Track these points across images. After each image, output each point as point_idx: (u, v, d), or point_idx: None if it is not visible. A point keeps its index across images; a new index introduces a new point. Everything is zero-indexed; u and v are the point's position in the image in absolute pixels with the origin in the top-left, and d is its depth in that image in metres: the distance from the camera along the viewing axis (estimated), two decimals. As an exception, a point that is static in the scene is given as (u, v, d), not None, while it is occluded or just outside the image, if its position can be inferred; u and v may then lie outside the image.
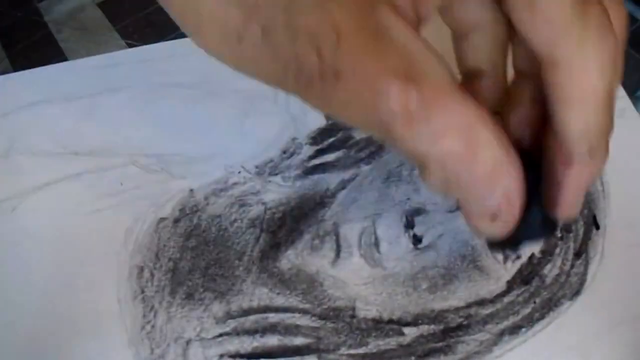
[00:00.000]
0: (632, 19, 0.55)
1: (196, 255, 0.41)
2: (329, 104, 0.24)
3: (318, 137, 0.47)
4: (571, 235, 0.43)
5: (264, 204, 0.43)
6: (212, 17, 0.22)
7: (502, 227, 0.27)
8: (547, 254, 0.42)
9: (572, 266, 0.42)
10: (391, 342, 0.39)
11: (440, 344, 0.39)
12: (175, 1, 0.23)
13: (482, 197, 0.26)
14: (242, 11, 0.22)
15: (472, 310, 0.40)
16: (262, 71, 0.24)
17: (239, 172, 0.45)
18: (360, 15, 0.23)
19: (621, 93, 0.50)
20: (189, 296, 0.40)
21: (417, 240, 0.42)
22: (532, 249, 0.42)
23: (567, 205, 0.29)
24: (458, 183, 0.25)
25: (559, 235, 0.43)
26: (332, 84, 0.23)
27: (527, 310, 0.40)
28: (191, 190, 0.44)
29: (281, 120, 0.48)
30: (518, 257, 0.42)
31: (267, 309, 0.40)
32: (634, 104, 0.49)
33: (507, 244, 0.32)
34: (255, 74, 0.24)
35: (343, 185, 0.44)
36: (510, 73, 0.31)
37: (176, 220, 0.43)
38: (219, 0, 0.22)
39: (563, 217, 0.29)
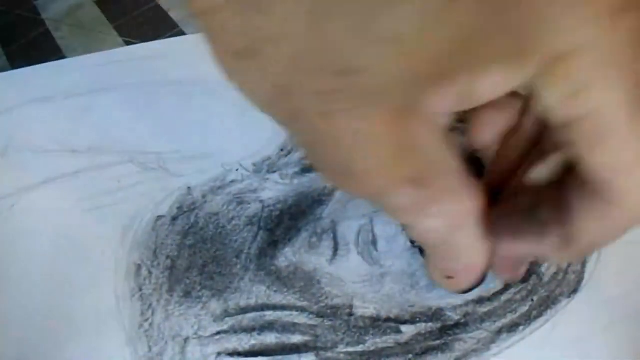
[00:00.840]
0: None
1: (194, 253, 0.41)
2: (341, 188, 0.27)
3: (316, 135, 0.47)
4: (569, 233, 0.43)
5: (261, 201, 0.44)
6: (247, 82, 0.23)
7: (456, 286, 0.31)
8: (544, 252, 0.42)
9: (569, 264, 0.42)
10: (389, 340, 0.39)
11: (437, 342, 0.39)
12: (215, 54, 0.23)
13: (442, 261, 0.29)
14: (275, 91, 0.22)
15: (470, 308, 0.40)
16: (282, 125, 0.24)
17: (237, 170, 0.45)
18: (394, 126, 0.23)
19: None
20: (187, 294, 0.40)
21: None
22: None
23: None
24: (432, 249, 0.28)
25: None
26: (345, 179, 0.24)
27: (524, 308, 0.40)
28: (189, 188, 0.44)
29: (279, 118, 0.48)
30: (516, 255, 0.42)
31: (264, 307, 0.40)
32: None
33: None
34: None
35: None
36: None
37: (174, 218, 0.43)
38: (255, 69, 0.21)
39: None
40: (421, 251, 0.39)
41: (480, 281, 0.30)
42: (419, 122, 0.23)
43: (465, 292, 0.32)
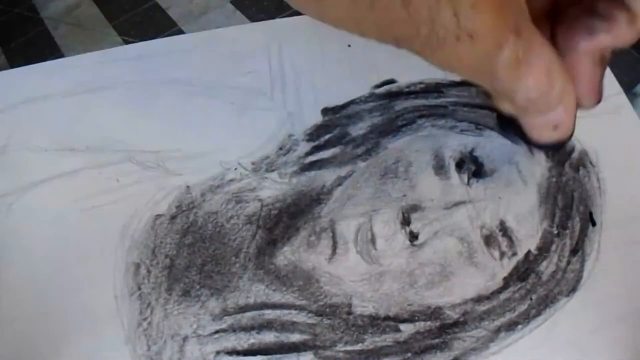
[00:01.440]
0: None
1: (192, 252, 0.41)
2: (455, 61, 0.28)
3: (314, 133, 0.47)
4: (567, 232, 0.43)
5: (260, 200, 0.43)
6: None
7: (562, 134, 0.34)
8: (543, 251, 0.42)
9: (568, 263, 0.42)
10: (387, 339, 0.39)
11: (436, 341, 0.39)
12: None
13: (550, 112, 0.33)
14: None
15: (469, 307, 0.40)
16: (386, 33, 0.27)
17: (236, 169, 0.45)
18: None
19: (617, 90, 0.50)
20: (186, 293, 0.40)
21: (413, 236, 0.42)
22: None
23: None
24: (535, 105, 0.32)
25: (555, 232, 0.43)
26: (468, 44, 0.26)
27: (523, 307, 0.40)
28: (188, 186, 0.44)
29: (278, 116, 0.48)
30: (514, 254, 0.42)
31: (263, 306, 0.40)
32: (631, 100, 0.49)
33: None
34: (375, 35, 0.27)
35: (339, 181, 0.44)
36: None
37: (173, 217, 0.43)
38: None
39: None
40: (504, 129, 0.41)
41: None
42: None
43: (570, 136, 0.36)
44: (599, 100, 0.37)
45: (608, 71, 0.51)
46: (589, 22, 0.32)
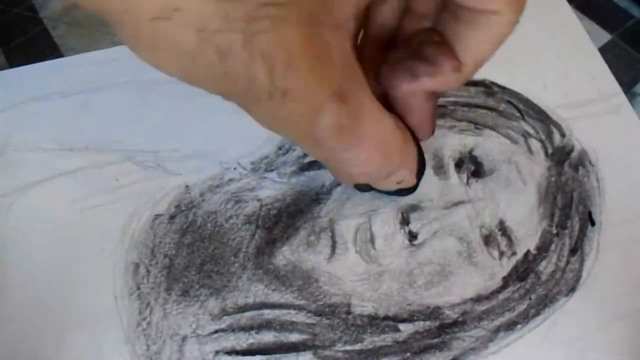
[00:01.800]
0: (627, 15, 0.55)
1: (192, 252, 0.41)
2: (272, 119, 0.27)
3: (314, 133, 0.47)
4: (567, 231, 0.43)
5: (259, 200, 0.43)
6: (167, 39, 0.23)
7: (406, 185, 0.36)
8: (542, 251, 0.42)
9: (567, 262, 0.42)
10: (387, 339, 0.39)
11: (435, 340, 0.39)
12: (126, 22, 0.23)
13: (389, 178, 0.34)
14: (199, 36, 0.22)
15: (468, 307, 0.40)
16: (213, 86, 0.26)
17: (235, 169, 0.45)
18: (309, 36, 0.24)
19: (616, 90, 0.50)
20: (185, 293, 0.40)
21: (412, 236, 0.42)
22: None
23: None
24: (373, 178, 0.34)
25: (555, 231, 0.43)
26: (280, 102, 0.25)
27: (522, 307, 0.40)
28: (187, 186, 0.44)
29: (277, 116, 0.48)
30: (514, 254, 0.42)
31: (262, 306, 0.40)
32: (630, 100, 0.49)
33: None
34: (205, 87, 0.26)
35: (338, 181, 0.44)
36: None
37: (172, 217, 0.43)
38: (176, 25, 0.22)
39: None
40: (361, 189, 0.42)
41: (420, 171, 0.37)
42: (328, 33, 0.25)
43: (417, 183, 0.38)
44: (432, 132, 0.37)
45: (607, 71, 0.51)
46: (413, 65, 0.31)
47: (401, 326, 0.39)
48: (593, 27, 0.56)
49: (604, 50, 0.54)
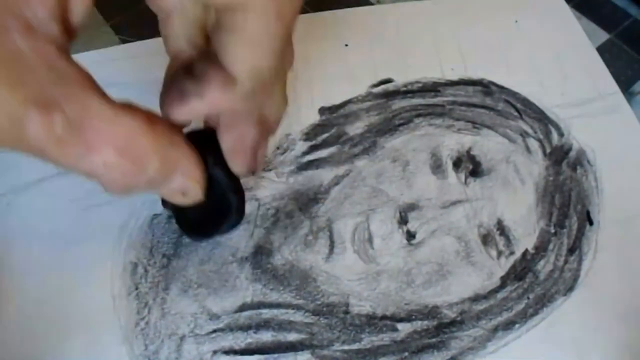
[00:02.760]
0: (625, 14, 0.55)
1: (190, 252, 0.41)
2: None
3: (312, 133, 0.47)
4: (565, 231, 0.43)
5: (257, 199, 0.43)
6: None
7: (193, 198, 0.31)
8: (540, 250, 0.42)
9: (565, 262, 0.42)
10: (385, 338, 0.39)
11: (433, 340, 0.39)
12: None
13: (162, 187, 0.30)
14: None
15: (466, 306, 0.40)
16: None
17: (233, 168, 0.45)
18: None
19: (615, 89, 0.50)
20: (183, 292, 0.40)
21: (410, 236, 0.42)
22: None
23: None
24: (137, 187, 0.29)
25: (553, 231, 0.43)
26: None
27: (520, 306, 0.40)
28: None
29: (275, 116, 0.48)
30: (512, 253, 0.42)
31: (260, 305, 0.40)
32: (628, 99, 0.50)
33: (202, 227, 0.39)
34: None
35: (337, 181, 0.44)
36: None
37: (170, 217, 0.43)
38: None
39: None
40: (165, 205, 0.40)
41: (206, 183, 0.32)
42: (19, 36, 0.23)
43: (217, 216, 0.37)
44: (248, 169, 0.35)
45: (605, 70, 0.51)
46: (181, 84, 0.29)
47: (399, 326, 0.39)
48: (591, 26, 0.56)
49: (601, 50, 0.54)
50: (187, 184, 0.31)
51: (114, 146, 0.27)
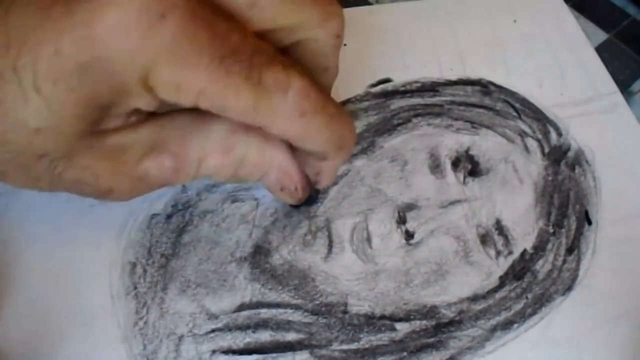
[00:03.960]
0: (623, 14, 0.55)
1: (189, 251, 0.41)
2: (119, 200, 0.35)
3: (310, 132, 0.47)
4: (563, 230, 0.43)
5: (256, 199, 0.43)
6: None
7: (292, 194, 0.39)
8: (539, 250, 0.42)
9: (564, 262, 0.42)
10: (383, 338, 0.39)
11: (432, 340, 0.39)
12: None
13: (262, 179, 0.37)
14: None
15: (465, 306, 0.40)
16: None
17: (232, 168, 0.45)
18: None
19: (613, 88, 0.50)
20: (182, 292, 0.40)
21: (409, 235, 0.42)
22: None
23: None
24: (239, 177, 0.36)
25: (551, 230, 0.43)
26: (111, 197, 0.34)
27: (519, 306, 0.40)
28: (183, 186, 0.44)
29: (274, 116, 0.48)
30: (510, 253, 0.42)
31: (259, 305, 0.40)
32: (627, 99, 0.50)
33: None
34: None
35: (335, 180, 0.44)
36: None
37: (169, 216, 0.43)
38: None
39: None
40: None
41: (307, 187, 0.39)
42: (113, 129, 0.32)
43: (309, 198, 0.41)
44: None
45: (604, 69, 0.51)
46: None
47: (398, 325, 0.39)
48: (589, 26, 0.56)
49: (600, 50, 0.54)
50: (284, 179, 0.37)
51: (217, 151, 0.34)
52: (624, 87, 0.51)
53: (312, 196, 0.41)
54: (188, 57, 0.27)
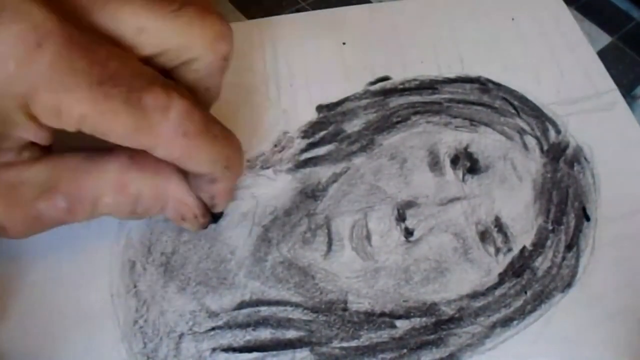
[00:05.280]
0: (627, 17, 0.55)
1: (188, 250, 0.41)
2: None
3: (309, 130, 0.47)
4: (562, 227, 0.43)
5: (255, 197, 0.44)
6: None
7: (193, 223, 0.39)
8: (538, 247, 0.42)
9: (563, 258, 0.42)
10: (383, 335, 0.39)
11: (432, 337, 0.39)
12: None
13: (162, 212, 0.38)
14: None
15: (464, 303, 0.40)
16: None
17: (231, 166, 0.45)
18: None
19: (611, 86, 0.50)
20: (182, 290, 0.40)
21: (408, 233, 0.42)
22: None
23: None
24: (139, 214, 0.37)
25: (550, 227, 0.43)
26: (6, 234, 0.35)
27: (518, 303, 0.40)
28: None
29: (272, 113, 0.48)
30: (509, 250, 0.42)
31: (259, 303, 0.40)
32: (630, 103, 0.50)
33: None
34: None
35: (335, 178, 0.44)
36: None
37: (168, 215, 0.43)
38: None
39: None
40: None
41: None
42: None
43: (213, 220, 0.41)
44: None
45: (602, 67, 0.51)
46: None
47: (397, 322, 0.39)
48: (593, 29, 0.56)
49: (604, 53, 0.54)
50: (183, 210, 0.38)
51: (111, 189, 0.35)
52: (628, 90, 0.51)
53: (216, 216, 0.41)
54: (66, 83, 0.28)
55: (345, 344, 0.38)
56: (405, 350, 0.38)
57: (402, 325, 0.39)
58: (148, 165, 0.34)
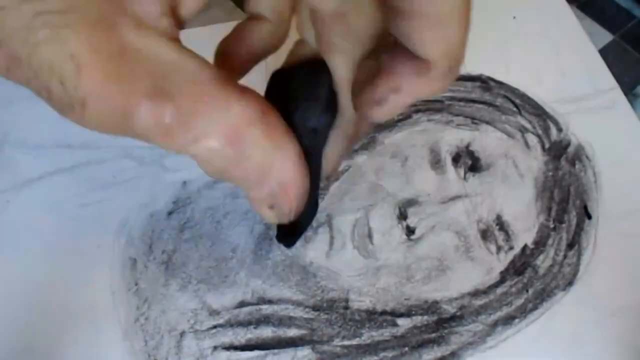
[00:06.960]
0: (629, 15, 0.55)
1: (190, 248, 0.41)
2: (88, 125, 0.24)
3: (311, 129, 0.47)
4: (564, 225, 0.43)
5: (257, 196, 0.43)
6: None
7: (280, 215, 0.30)
8: (540, 245, 0.42)
9: (564, 257, 0.42)
10: (385, 333, 0.39)
11: (433, 335, 0.39)
12: None
13: (254, 187, 0.28)
14: None
15: (466, 301, 0.40)
16: (35, 90, 0.24)
17: (232, 165, 0.45)
18: (99, 39, 0.23)
19: (613, 84, 0.50)
20: (183, 288, 0.40)
21: (410, 231, 0.42)
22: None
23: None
24: (229, 175, 0.27)
25: (552, 225, 0.43)
26: (81, 112, 0.23)
27: (520, 301, 0.40)
28: (184, 182, 0.44)
29: (274, 112, 0.48)
30: (511, 248, 0.42)
31: (260, 301, 0.40)
32: (632, 101, 0.50)
33: (288, 236, 0.34)
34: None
35: (336, 176, 0.44)
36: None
37: (169, 213, 0.43)
38: None
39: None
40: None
41: (306, 203, 0.30)
42: (127, 29, 0.23)
43: (299, 220, 0.32)
44: (334, 167, 0.33)
45: (603, 66, 0.51)
46: (375, 89, 0.29)
47: (399, 321, 0.39)
48: (595, 27, 0.57)
49: (605, 51, 0.54)
50: (278, 197, 0.30)
51: (223, 134, 0.26)
52: (629, 88, 0.51)
53: (298, 232, 0.35)
54: None
55: (346, 342, 0.38)
56: (406, 349, 0.38)
57: (404, 323, 0.39)
58: (275, 132, 0.28)
